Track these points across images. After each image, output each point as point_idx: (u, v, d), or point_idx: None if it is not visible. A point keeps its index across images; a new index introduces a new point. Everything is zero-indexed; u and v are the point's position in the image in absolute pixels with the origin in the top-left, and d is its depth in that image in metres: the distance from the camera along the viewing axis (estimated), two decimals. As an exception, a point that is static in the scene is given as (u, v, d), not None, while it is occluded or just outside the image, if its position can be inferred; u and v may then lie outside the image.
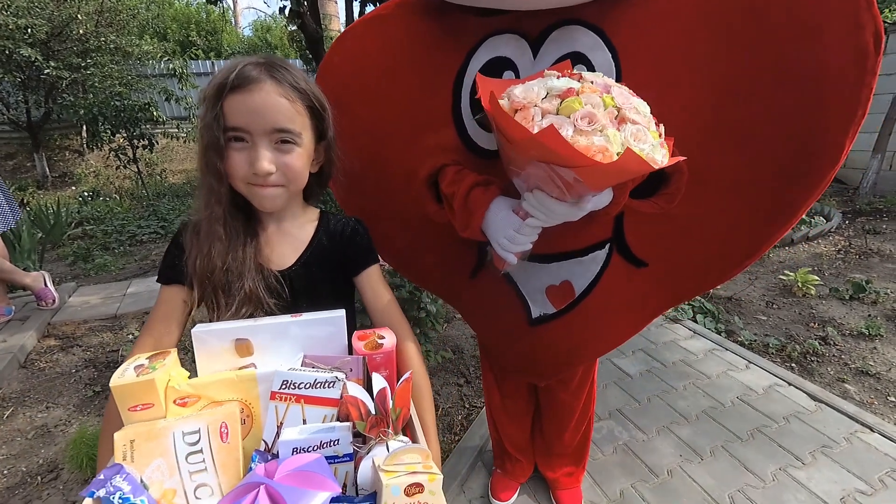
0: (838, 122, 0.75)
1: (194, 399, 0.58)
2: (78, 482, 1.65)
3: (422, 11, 0.95)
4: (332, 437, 0.55)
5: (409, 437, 0.59)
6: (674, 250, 0.96)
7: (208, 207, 0.73)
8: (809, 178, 0.81)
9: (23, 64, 6.09)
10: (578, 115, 0.66)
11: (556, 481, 1.44)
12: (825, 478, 1.49)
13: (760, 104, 0.80)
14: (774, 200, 0.85)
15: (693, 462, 1.57)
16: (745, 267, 0.95)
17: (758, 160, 0.83)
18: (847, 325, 2.53)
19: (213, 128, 0.68)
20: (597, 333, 1.07)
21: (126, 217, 5.38)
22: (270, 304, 0.74)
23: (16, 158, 7.84)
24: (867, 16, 0.69)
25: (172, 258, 0.76)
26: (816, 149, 0.79)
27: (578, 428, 1.36)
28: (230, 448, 0.56)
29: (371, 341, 0.67)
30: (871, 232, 3.95)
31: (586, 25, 0.85)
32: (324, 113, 0.76)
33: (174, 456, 0.53)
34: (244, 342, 0.65)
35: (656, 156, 0.66)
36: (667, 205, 0.90)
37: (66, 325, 2.80)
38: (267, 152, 0.69)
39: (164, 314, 0.75)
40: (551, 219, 0.80)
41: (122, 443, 0.52)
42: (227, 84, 0.67)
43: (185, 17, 12.12)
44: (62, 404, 2.10)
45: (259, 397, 0.61)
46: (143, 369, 0.55)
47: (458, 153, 0.96)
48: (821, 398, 1.86)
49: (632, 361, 2.18)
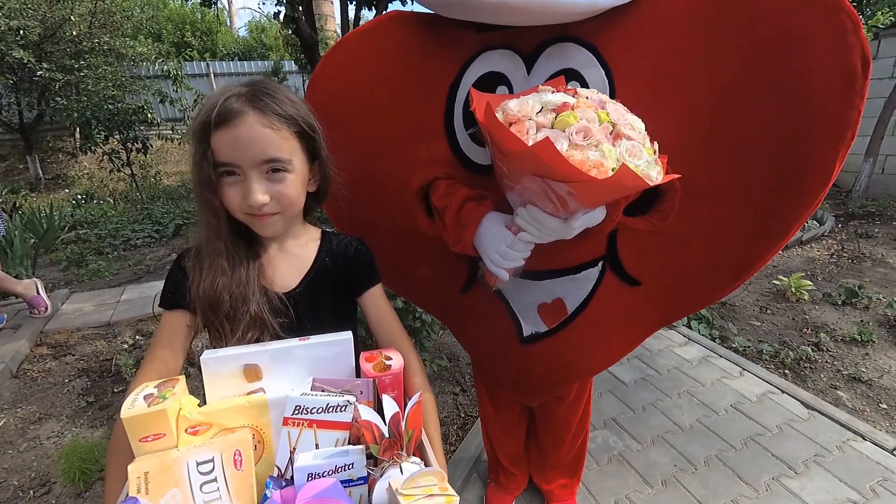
0: (826, 142, 0.76)
1: (206, 427, 0.58)
2: (70, 496, 1.64)
3: (416, 24, 0.95)
4: (346, 461, 0.55)
5: (418, 457, 0.60)
6: (667, 267, 0.96)
7: (210, 243, 0.74)
8: (801, 196, 0.81)
9: (15, 66, 6.05)
10: (574, 129, 0.66)
11: (552, 493, 1.44)
12: (818, 487, 1.50)
13: (752, 119, 0.81)
14: (767, 217, 0.86)
15: (687, 472, 1.58)
16: (739, 285, 0.95)
17: (750, 176, 0.84)
18: (840, 330, 2.55)
19: (202, 165, 0.68)
20: (589, 352, 1.06)
21: (120, 220, 5.34)
22: (276, 327, 0.73)
23: (8, 161, 7.78)
24: (854, 39, 0.70)
25: (175, 282, 0.76)
26: (806, 166, 0.79)
27: (574, 441, 1.36)
28: (244, 475, 0.56)
29: (379, 363, 0.67)
30: (863, 236, 3.98)
31: (580, 42, 0.85)
32: (314, 134, 0.75)
33: (188, 486, 0.53)
34: (253, 367, 0.65)
35: (651, 172, 0.67)
36: (660, 222, 0.90)
37: (59, 334, 2.78)
38: (259, 185, 0.69)
39: (167, 339, 0.74)
40: (544, 235, 0.80)
41: (135, 475, 0.51)
42: (211, 121, 0.66)
43: (180, 18, 12.05)
44: (55, 415, 2.08)
45: (270, 423, 0.61)
46: (153, 399, 0.55)
47: (451, 167, 0.96)
48: (814, 406, 1.87)
49: (626, 369, 2.19)
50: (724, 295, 0.98)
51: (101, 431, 1.96)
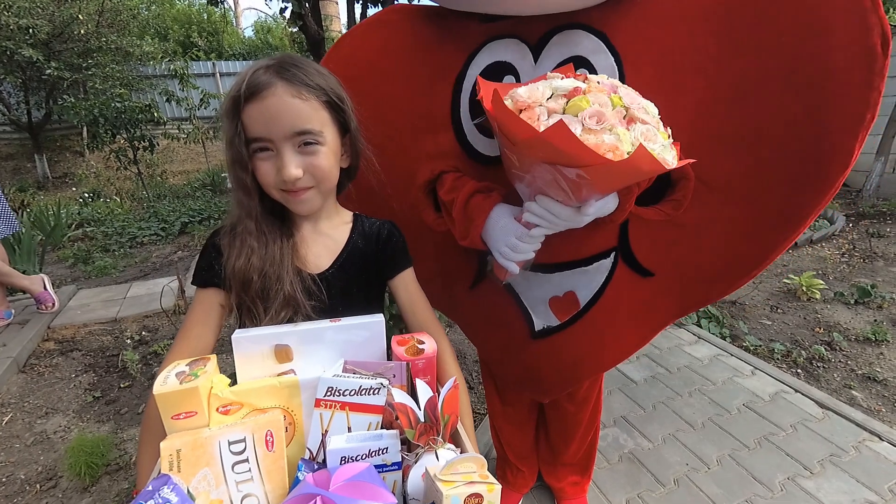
0: (846, 125, 0.74)
1: (237, 406, 0.57)
2: (77, 490, 1.63)
3: (422, 16, 0.95)
4: (380, 445, 0.54)
5: (452, 444, 0.58)
6: (681, 259, 0.93)
7: (241, 222, 0.73)
8: (818, 184, 0.79)
9: (24, 64, 6.10)
10: (587, 113, 0.64)
11: (562, 491, 1.42)
12: (834, 488, 1.47)
13: (768, 107, 0.78)
14: (783, 206, 0.83)
15: (700, 471, 1.55)
16: (753, 276, 0.92)
17: (766, 165, 0.82)
18: (853, 329, 2.51)
19: (235, 143, 0.68)
20: (602, 346, 1.04)
21: (126, 218, 5.37)
22: (308, 308, 0.73)
23: (16, 159, 7.84)
24: (874, 18, 0.69)
25: (209, 260, 0.75)
26: (824, 153, 0.77)
27: (584, 438, 1.34)
28: (275, 457, 0.55)
29: (411, 346, 0.66)
30: (874, 235, 3.93)
31: (588, 29, 0.84)
32: (343, 105, 0.74)
33: (220, 465, 0.52)
34: (283, 348, 0.64)
35: (667, 156, 0.65)
36: (673, 212, 0.88)
37: (66, 329, 2.78)
38: (292, 157, 0.68)
39: (200, 318, 0.73)
40: (556, 225, 0.78)
41: (168, 452, 0.50)
42: (241, 95, 0.66)
43: (186, 18, 12.13)
44: (61, 410, 2.08)
45: (302, 404, 0.60)
46: (184, 376, 0.54)
47: (457, 159, 0.95)
48: (828, 405, 1.84)
49: (636, 367, 2.16)
50: (737, 287, 0.95)
51: (107, 426, 1.96)
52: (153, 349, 2.53)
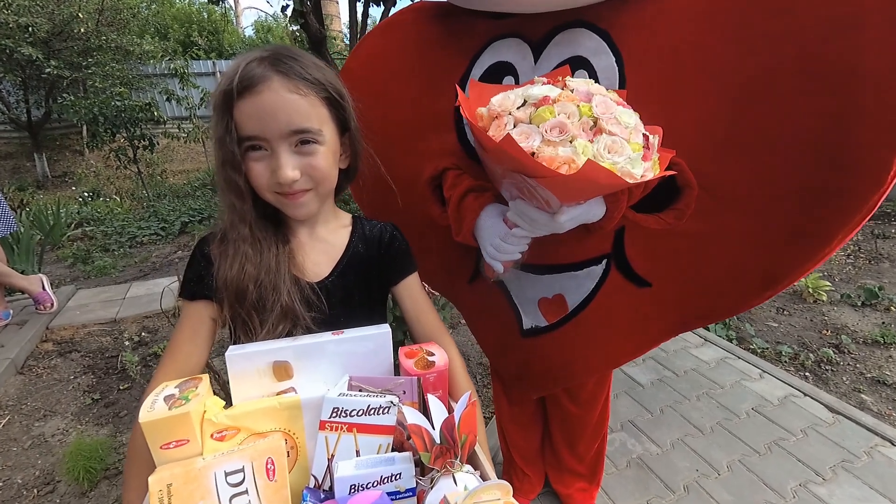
0: (880, 137, 0.66)
1: (233, 432, 0.52)
2: (75, 495, 1.60)
3: (434, 15, 0.97)
4: (392, 470, 0.49)
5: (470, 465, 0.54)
6: (681, 270, 0.87)
7: (233, 227, 0.67)
8: (844, 199, 0.70)
9: (23, 63, 6.06)
10: (548, 125, 0.64)
11: (570, 497, 1.39)
12: (847, 494, 1.44)
13: (780, 112, 0.72)
14: (799, 220, 0.75)
15: (710, 477, 1.52)
16: (768, 296, 0.83)
17: (778, 174, 0.75)
18: (861, 332, 2.48)
19: (226, 141, 0.62)
20: (592, 351, 1.01)
21: (126, 218, 5.33)
22: (308, 320, 0.68)
23: (16, 158, 7.79)
24: None
25: (198, 270, 0.69)
26: (850, 164, 0.69)
27: (591, 443, 1.31)
28: (277, 486, 0.50)
29: (421, 359, 0.61)
30: (880, 236, 3.89)
31: (591, 28, 0.81)
32: (343, 102, 0.69)
33: (216, 498, 0.47)
34: (282, 364, 0.59)
35: (634, 169, 0.63)
36: (675, 221, 0.83)
37: (65, 330, 2.75)
38: (288, 158, 0.63)
39: (189, 334, 0.68)
40: (536, 229, 0.77)
41: (157, 487, 0.45)
42: (233, 89, 0.60)
43: (186, 17, 12.07)
44: (60, 412, 2.05)
45: (304, 427, 0.55)
46: (174, 400, 0.49)
47: (459, 158, 0.96)
48: (838, 409, 1.81)
49: (642, 370, 2.13)
50: (749, 306, 0.87)
51: (106, 429, 1.93)
52: (153, 350, 2.50)
